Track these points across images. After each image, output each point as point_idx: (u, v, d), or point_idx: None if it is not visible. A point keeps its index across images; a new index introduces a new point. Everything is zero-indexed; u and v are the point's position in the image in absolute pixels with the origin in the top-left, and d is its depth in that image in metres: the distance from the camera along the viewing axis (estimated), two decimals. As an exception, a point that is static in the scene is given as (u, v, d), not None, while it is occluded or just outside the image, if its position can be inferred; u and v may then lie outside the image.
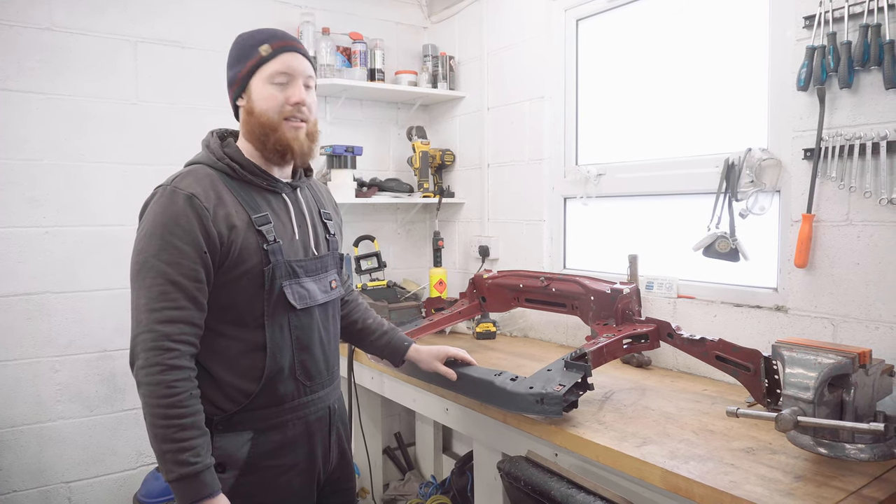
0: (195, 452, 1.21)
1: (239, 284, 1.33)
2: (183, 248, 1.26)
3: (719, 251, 1.96)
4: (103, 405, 2.57)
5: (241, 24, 2.77)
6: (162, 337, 1.22)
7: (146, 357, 1.22)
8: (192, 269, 1.26)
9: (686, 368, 2.09)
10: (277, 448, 1.39)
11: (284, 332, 1.38)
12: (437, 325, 2.33)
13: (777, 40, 1.86)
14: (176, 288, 1.25)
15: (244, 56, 1.39)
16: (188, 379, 1.25)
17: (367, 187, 2.96)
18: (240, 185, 1.38)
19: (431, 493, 2.73)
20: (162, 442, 1.21)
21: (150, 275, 1.25)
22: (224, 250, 1.30)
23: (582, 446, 1.52)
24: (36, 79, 2.39)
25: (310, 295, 1.42)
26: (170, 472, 1.21)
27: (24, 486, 2.43)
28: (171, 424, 1.21)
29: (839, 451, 1.28)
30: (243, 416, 1.35)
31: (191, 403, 1.24)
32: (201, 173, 1.35)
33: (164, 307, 1.24)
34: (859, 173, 1.62)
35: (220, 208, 1.31)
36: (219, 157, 1.38)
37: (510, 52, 2.80)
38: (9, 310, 2.38)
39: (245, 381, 1.35)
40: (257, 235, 1.34)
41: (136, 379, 1.24)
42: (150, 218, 1.29)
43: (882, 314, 1.62)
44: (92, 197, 2.51)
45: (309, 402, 1.44)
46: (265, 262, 1.34)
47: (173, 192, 1.30)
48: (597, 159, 2.52)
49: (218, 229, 1.29)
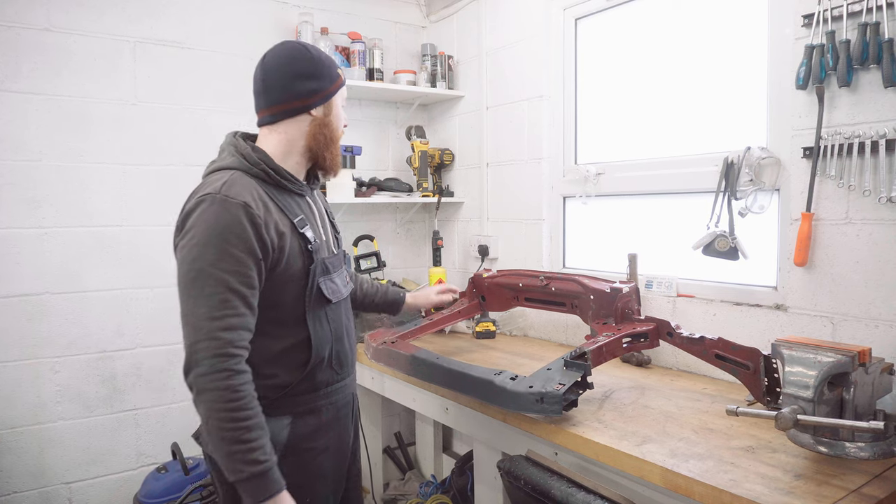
0: (263, 451, 1.28)
1: (287, 286, 1.41)
2: (240, 256, 1.31)
3: (719, 250, 1.96)
4: (103, 406, 2.57)
5: (240, 24, 2.81)
6: (226, 344, 1.27)
7: (211, 364, 1.26)
8: (248, 276, 1.32)
9: (686, 367, 2.09)
10: (313, 431, 1.48)
11: (324, 324, 1.48)
12: (436, 324, 2.33)
13: (776, 39, 1.86)
14: (235, 296, 1.30)
15: (328, 74, 1.48)
16: (249, 382, 1.31)
17: (367, 187, 2.96)
18: (276, 191, 1.44)
19: (432, 493, 2.73)
20: (231, 444, 1.26)
21: (210, 283, 1.28)
22: (275, 256, 1.37)
23: (582, 445, 1.52)
24: (35, 79, 2.39)
25: (338, 289, 1.53)
26: (239, 472, 1.26)
27: (25, 487, 2.43)
28: (240, 427, 1.26)
29: (839, 449, 1.28)
30: (283, 401, 1.43)
31: (254, 405, 1.30)
32: (244, 181, 1.38)
33: (225, 315, 1.28)
34: (858, 172, 1.62)
35: (269, 216, 1.37)
36: (253, 162, 1.41)
37: (509, 51, 2.80)
38: (8, 310, 2.38)
39: (287, 373, 1.43)
40: (300, 238, 1.43)
41: (198, 386, 1.27)
42: (202, 226, 1.31)
43: (882, 312, 1.62)
44: (91, 197, 2.51)
45: (339, 389, 1.55)
46: (309, 262, 1.44)
47: (225, 201, 1.32)
48: (596, 158, 2.52)
49: (270, 237, 1.35)
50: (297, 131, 1.47)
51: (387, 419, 3.16)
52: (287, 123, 1.46)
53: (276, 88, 1.45)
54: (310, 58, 1.46)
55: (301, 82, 1.45)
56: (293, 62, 1.45)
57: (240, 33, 2.79)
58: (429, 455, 3.10)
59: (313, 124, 1.48)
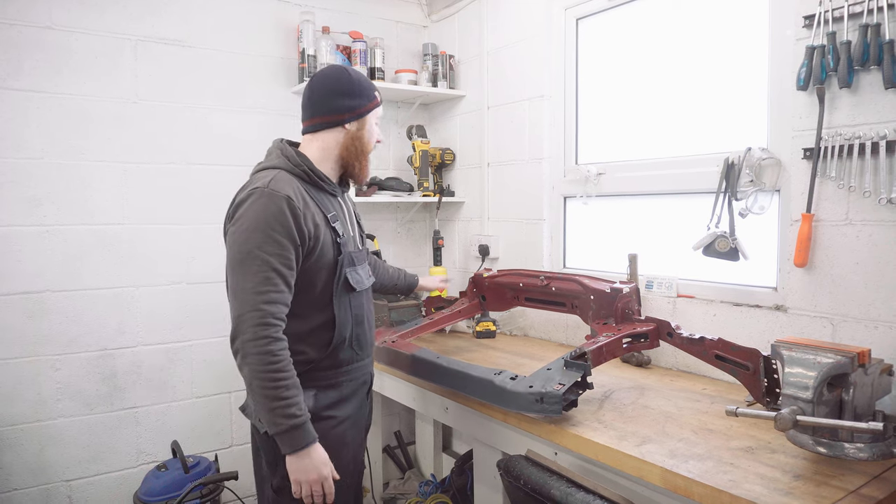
0: (299, 407, 1.48)
1: (319, 272, 1.61)
2: (283, 241, 1.51)
3: (719, 250, 1.96)
4: (104, 403, 2.57)
5: (241, 22, 2.81)
6: (267, 315, 1.47)
7: (255, 331, 1.46)
8: (289, 258, 1.52)
9: (685, 367, 2.09)
10: (335, 402, 1.67)
11: (346, 310, 1.67)
12: (437, 323, 2.34)
13: (777, 40, 1.87)
14: (277, 275, 1.50)
15: (366, 94, 1.70)
16: (286, 349, 1.50)
17: (367, 186, 2.96)
18: (313, 189, 1.65)
19: (431, 492, 2.73)
20: (272, 401, 1.46)
21: (256, 263, 1.49)
22: (311, 244, 1.57)
23: (581, 445, 1.52)
24: (36, 78, 2.39)
25: (362, 280, 1.72)
26: (279, 425, 1.47)
27: (25, 485, 2.43)
28: (279, 385, 1.46)
29: (838, 450, 1.28)
30: (309, 375, 1.61)
31: (291, 369, 1.50)
32: (287, 178, 1.59)
33: (268, 290, 1.48)
34: (859, 173, 1.63)
35: (307, 209, 1.57)
36: (296, 163, 1.63)
37: (510, 50, 2.80)
38: (9, 308, 2.38)
39: (314, 350, 1.62)
40: (332, 231, 1.63)
41: (243, 350, 1.47)
42: (251, 215, 1.52)
43: (881, 314, 1.62)
44: (92, 195, 2.51)
45: (357, 368, 1.73)
46: (338, 253, 1.64)
47: (271, 194, 1.52)
48: (597, 158, 2.52)
49: (307, 227, 1.56)
50: (333, 141, 1.69)
51: (387, 418, 3.16)
52: (325, 133, 1.68)
53: (317, 103, 1.68)
54: (349, 79, 1.68)
55: (339, 99, 1.67)
56: (335, 82, 1.68)
57: (241, 32, 2.79)
58: (428, 454, 3.10)
59: (347, 136, 1.69)
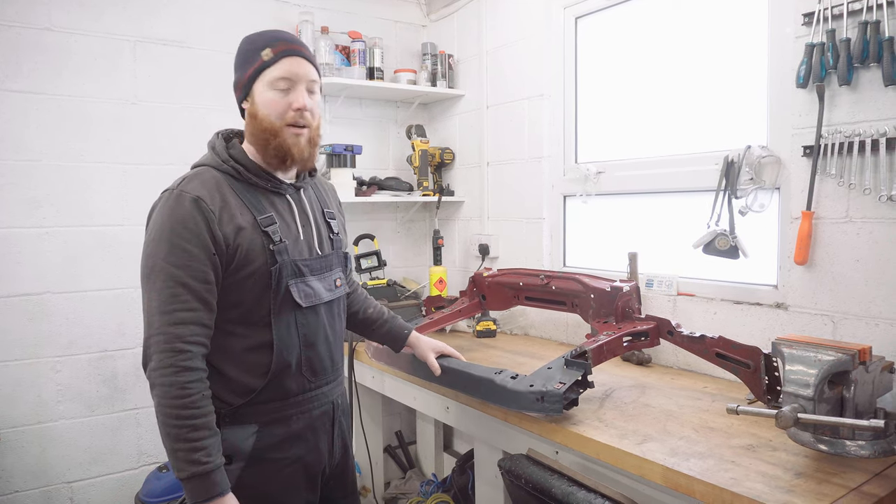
0: (207, 452, 1.24)
1: (246, 284, 1.35)
2: (191, 250, 1.28)
3: (719, 248, 1.96)
4: (104, 405, 2.57)
5: (240, 23, 2.80)
6: (174, 339, 1.25)
7: (159, 359, 1.25)
8: (201, 270, 1.29)
9: (686, 366, 2.09)
10: (282, 441, 1.41)
11: (291, 329, 1.40)
12: (437, 323, 2.34)
13: (776, 37, 1.86)
14: (186, 290, 1.27)
15: (247, 60, 1.40)
16: (200, 380, 1.28)
17: (367, 186, 2.96)
18: (245, 187, 1.39)
19: (432, 492, 2.73)
20: (175, 441, 1.24)
21: (161, 278, 1.27)
22: (231, 252, 1.33)
23: (582, 444, 1.52)
24: (35, 79, 2.39)
25: (315, 293, 1.45)
26: (182, 471, 1.24)
27: (26, 487, 2.43)
28: (184, 425, 1.24)
29: (839, 447, 1.28)
30: (249, 409, 1.38)
31: (203, 404, 1.27)
32: (206, 176, 1.37)
33: (175, 309, 1.26)
34: (859, 170, 1.62)
35: (225, 211, 1.33)
36: (224, 159, 1.40)
37: (509, 50, 2.79)
38: (9, 310, 2.38)
39: (251, 377, 1.37)
40: (263, 236, 1.36)
41: (150, 380, 1.27)
42: (157, 222, 1.31)
43: (882, 311, 1.62)
44: (92, 197, 2.51)
45: (313, 398, 1.47)
46: (271, 262, 1.36)
47: (179, 196, 1.31)
48: (596, 157, 2.52)
49: (224, 231, 1.32)
50: (246, 128, 1.44)
51: (387, 418, 3.16)
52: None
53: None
54: (238, 48, 1.44)
55: (234, 78, 1.45)
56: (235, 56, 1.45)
57: (240, 32, 2.71)
58: (429, 454, 3.10)
59: (247, 118, 1.42)
